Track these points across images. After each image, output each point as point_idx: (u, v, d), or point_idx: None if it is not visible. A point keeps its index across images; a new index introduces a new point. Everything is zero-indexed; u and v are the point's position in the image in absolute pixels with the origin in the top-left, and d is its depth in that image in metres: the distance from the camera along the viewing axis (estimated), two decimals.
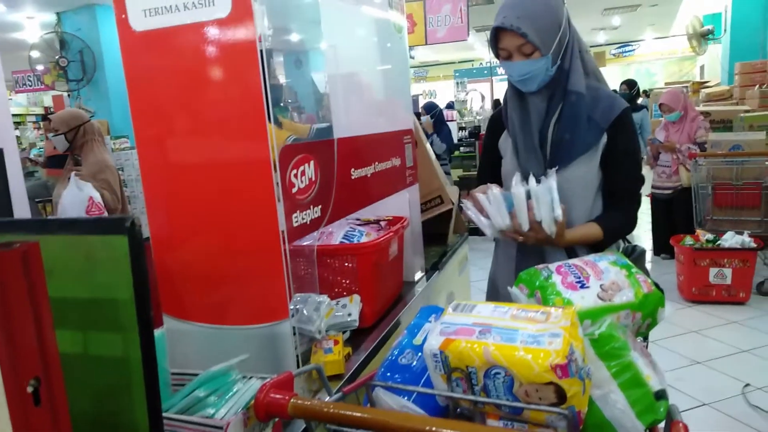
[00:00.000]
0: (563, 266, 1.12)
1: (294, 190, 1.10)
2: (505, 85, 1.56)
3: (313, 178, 1.17)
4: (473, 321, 0.91)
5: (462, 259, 2.33)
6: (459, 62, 17.36)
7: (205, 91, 1.05)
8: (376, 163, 1.51)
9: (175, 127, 1.09)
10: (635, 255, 1.52)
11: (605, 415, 0.88)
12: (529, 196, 1.27)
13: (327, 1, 1.63)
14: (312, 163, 1.16)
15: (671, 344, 3.28)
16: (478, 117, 8.12)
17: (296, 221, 1.10)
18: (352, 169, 1.37)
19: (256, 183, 1.04)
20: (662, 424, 0.86)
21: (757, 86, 6.90)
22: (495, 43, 1.38)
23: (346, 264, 1.49)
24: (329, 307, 1.38)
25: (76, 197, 2.46)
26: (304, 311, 1.33)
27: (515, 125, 1.45)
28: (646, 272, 1.47)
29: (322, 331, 1.31)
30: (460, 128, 7.12)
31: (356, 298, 1.46)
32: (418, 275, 1.87)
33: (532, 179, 1.29)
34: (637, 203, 1.48)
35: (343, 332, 1.41)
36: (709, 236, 3.94)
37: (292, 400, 0.89)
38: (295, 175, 1.10)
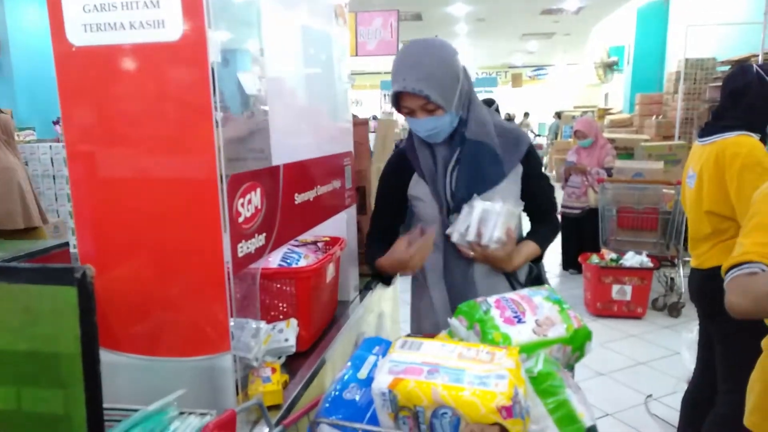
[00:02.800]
0: (501, 300, 1.18)
1: (240, 219, 1.07)
2: None
3: (259, 206, 1.14)
4: (421, 360, 0.93)
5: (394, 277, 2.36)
6: (385, 73, 17.57)
7: (149, 116, 1.00)
8: (319, 186, 1.50)
9: (115, 149, 1.03)
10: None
11: None
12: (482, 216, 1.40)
13: (270, 19, 1.60)
14: (258, 190, 1.14)
15: None
16: (404, 129, 8.25)
17: (241, 251, 1.07)
18: (296, 194, 1.35)
19: (201, 213, 1.01)
20: None
21: (654, 116, 7.58)
22: (396, 101, 1.41)
23: (284, 288, 1.47)
24: (267, 333, 1.35)
25: None
26: (241, 338, 1.29)
27: (429, 171, 1.50)
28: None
29: (260, 359, 1.28)
30: None
31: (293, 322, 1.44)
32: (353, 295, 1.88)
33: (487, 202, 1.40)
34: (556, 210, 1.65)
35: (279, 358, 1.39)
36: (613, 255, 4.26)
37: None
38: (242, 204, 1.07)
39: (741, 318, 1.13)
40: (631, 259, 4.17)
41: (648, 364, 3.44)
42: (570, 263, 5.25)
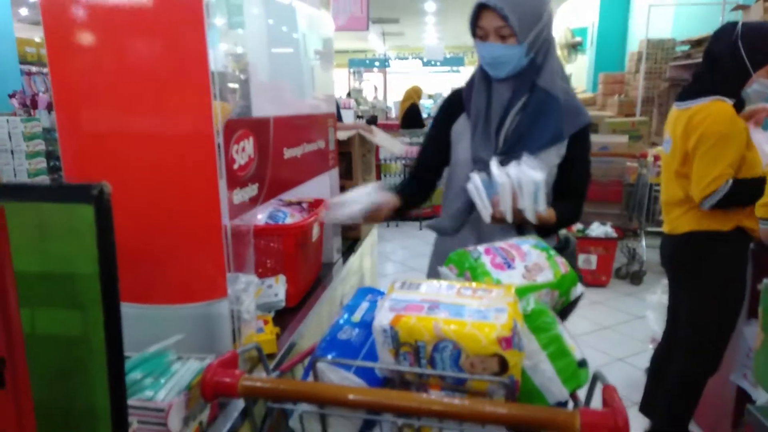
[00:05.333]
0: (491, 248, 1.21)
1: (235, 166, 1.06)
2: (398, 78, 1.57)
3: (252, 155, 1.14)
4: (421, 298, 0.95)
5: (373, 243, 2.38)
6: (353, 51, 17.37)
7: (143, 61, 0.98)
8: (305, 144, 1.50)
9: (105, 97, 1.00)
10: (569, 249, 1.52)
11: (535, 383, 0.97)
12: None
13: None
14: (251, 139, 1.13)
15: None
16: (373, 107, 8.25)
17: (236, 198, 1.07)
18: (285, 149, 1.35)
19: (198, 157, 1.00)
20: (583, 389, 0.98)
21: (617, 95, 7.76)
22: (475, 20, 1.38)
23: (272, 244, 1.47)
24: (258, 287, 1.35)
25: None
26: (233, 291, 1.29)
27: (479, 111, 1.44)
28: (575, 263, 1.55)
29: (251, 312, 1.29)
30: (358, 116, 7.19)
31: (282, 278, 1.45)
32: (336, 257, 1.89)
33: (514, 165, 1.30)
34: (584, 198, 1.53)
35: (269, 312, 1.40)
36: (579, 226, 4.39)
37: (241, 380, 0.87)
38: (236, 151, 1.07)
39: None
40: (597, 229, 4.30)
41: (612, 328, 3.59)
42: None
